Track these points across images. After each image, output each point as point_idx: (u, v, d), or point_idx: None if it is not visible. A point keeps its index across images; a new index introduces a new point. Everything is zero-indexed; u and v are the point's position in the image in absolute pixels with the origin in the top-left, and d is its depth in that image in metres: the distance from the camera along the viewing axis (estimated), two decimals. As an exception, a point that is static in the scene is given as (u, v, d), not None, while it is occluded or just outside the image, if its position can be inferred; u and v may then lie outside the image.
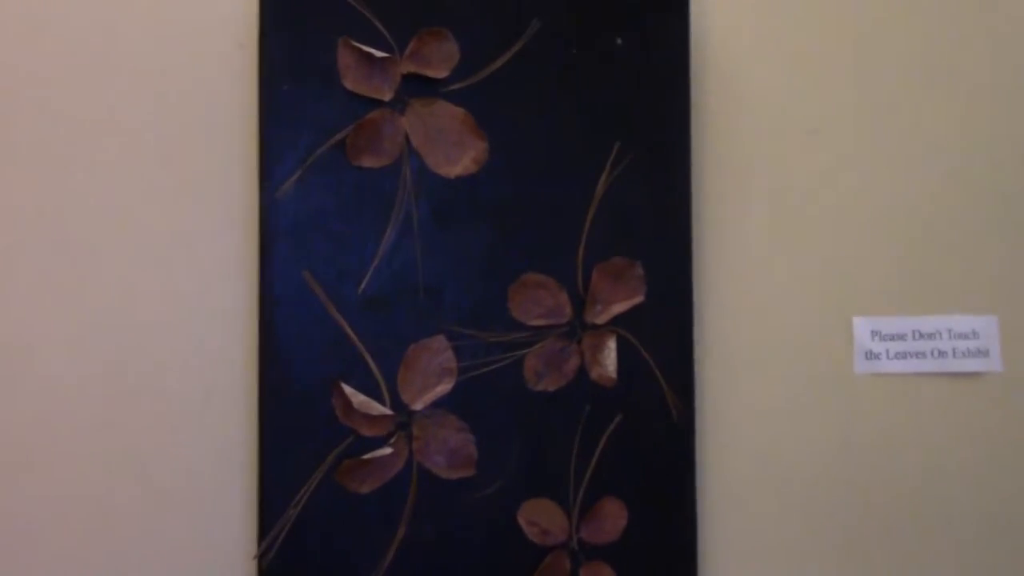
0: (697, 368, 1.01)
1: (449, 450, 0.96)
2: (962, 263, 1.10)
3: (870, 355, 1.08)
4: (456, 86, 0.97)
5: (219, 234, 0.99)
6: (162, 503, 0.98)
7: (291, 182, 0.93)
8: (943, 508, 1.09)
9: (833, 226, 1.09)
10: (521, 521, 0.97)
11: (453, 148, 0.97)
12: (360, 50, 0.94)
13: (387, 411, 0.94)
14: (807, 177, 1.09)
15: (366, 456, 0.93)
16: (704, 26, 1.06)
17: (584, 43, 1.00)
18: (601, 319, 0.99)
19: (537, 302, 0.98)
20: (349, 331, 0.94)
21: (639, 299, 1.00)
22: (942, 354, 1.09)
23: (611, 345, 0.99)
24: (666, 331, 1.01)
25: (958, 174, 1.11)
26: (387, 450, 0.94)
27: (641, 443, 0.99)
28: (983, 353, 1.09)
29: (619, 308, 0.99)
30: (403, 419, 0.95)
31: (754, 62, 1.09)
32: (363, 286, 0.94)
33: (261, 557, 0.92)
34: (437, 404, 0.96)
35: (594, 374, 0.99)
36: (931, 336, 1.09)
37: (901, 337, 1.08)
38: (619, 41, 1.00)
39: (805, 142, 1.09)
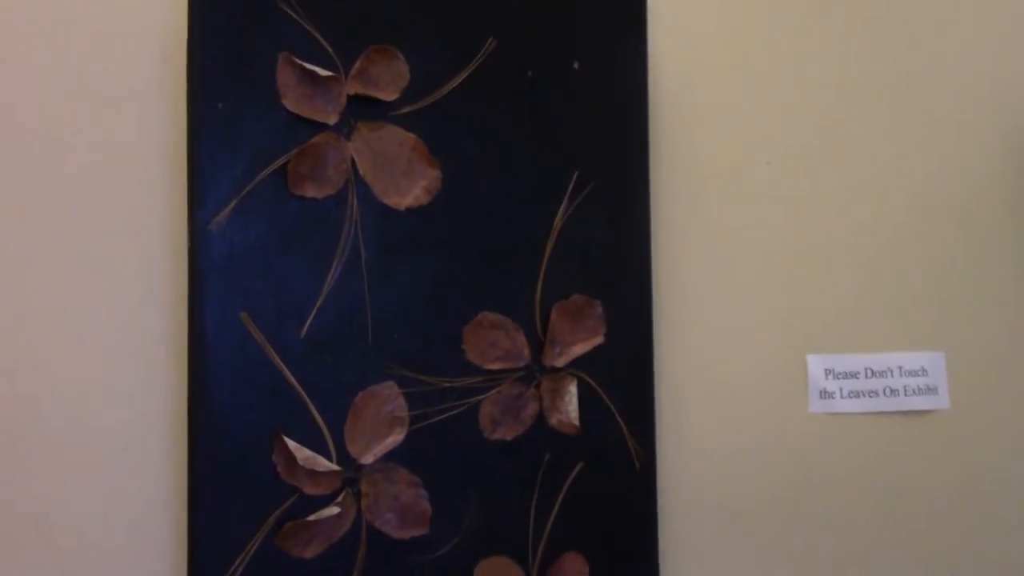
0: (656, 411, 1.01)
1: (400, 507, 0.91)
2: (910, 300, 1.14)
3: (824, 394, 1.09)
4: (406, 109, 0.93)
5: (141, 268, 0.92)
6: (67, 573, 0.89)
7: (225, 212, 0.87)
8: (897, 546, 1.11)
9: (786, 261, 1.10)
10: (478, 582, 0.93)
11: (403, 177, 0.93)
12: (303, 68, 0.89)
13: (334, 467, 0.89)
14: (760, 211, 1.10)
15: (311, 517, 0.87)
16: (660, 56, 1.06)
17: (540, 66, 0.97)
18: (560, 362, 0.96)
19: (493, 344, 0.95)
20: (291, 378, 0.88)
21: (599, 340, 0.98)
22: (894, 392, 1.11)
23: (572, 390, 0.96)
24: (626, 373, 0.99)
25: (906, 214, 1.15)
26: (334, 510, 0.88)
27: (603, 493, 0.97)
28: (932, 390, 1.13)
29: (579, 350, 0.97)
30: (351, 474, 0.90)
31: (709, 94, 1.09)
32: (306, 328, 0.89)
33: (191, 635, 0.85)
34: (388, 457, 0.91)
35: (553, 420, 0.96)
36: (883, 374, 1.11)
37: (854, 375, 1.10)
38: (576, 65, 0.99)
39: (759, 175, 1.10)
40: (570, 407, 0.96)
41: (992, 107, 1.19)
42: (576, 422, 0.96)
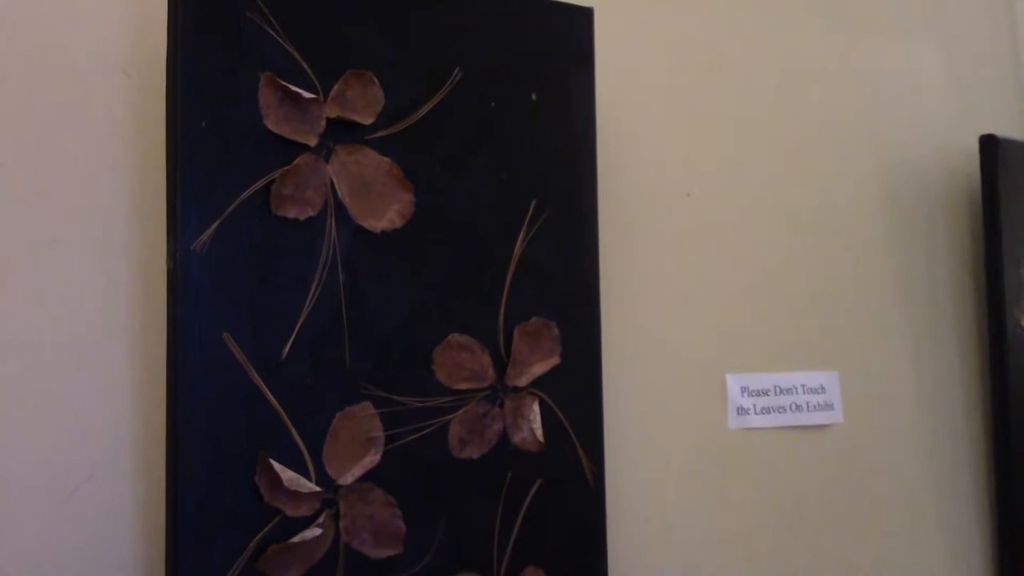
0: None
1: (376, 527, 0.96)
2: (809, 323, 1.30)
3: (741, 411, 1.23)
4: (381, 133, 0.99)
5: (114, 288, 0.93)
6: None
7: (208, 233, 0.89)
8: (802, 549, 1.27)
9: (707, 287, 1.24)
10: (448, 598, 0.99)
11: (378, 200, 0.98)
12: (285, 88, 0.93)
13: (316, 488, 0.92)
14: (683, 242, 1.24)
15: (295, 539, 0.91)
16: (602, 93, 1.17)
17: (502, 97, 1.06)
18: (522, 381, 1.05)
19: (461, 365, 1.02)
20: (272, 399, 0.91)
21: (556, 361, 1.07)
22: (798, 408, 1.27)
23: (535, 409, 1.05)
24: (578, 392, 1.08)
25: (802, 245, 1.33)
26: (316, 531, 0.92)
27: (559, 508, 1.06)
28: (828, 406, 1.29)
29: (538, 370, 1.06)
30: (330, 495, 0.94)
31: (639, 127, 1.21)
32: (287, 349, 0.93)
33: (174, 665, 0.86)
34: (364, 477, 0.96)
35: (516, 439, 1.04)
36: (789, 391, 1.27)
37: (765, 392, 1.25)
38: (534, 97, 1.08)
39: (682, 206, 1.23)
40: (534, 425, 1.04)
41: (872, 151, 1.41)
42: (541, 439, 1.04)
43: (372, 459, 0.96)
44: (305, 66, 0.95)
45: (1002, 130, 1.43)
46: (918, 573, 1.38)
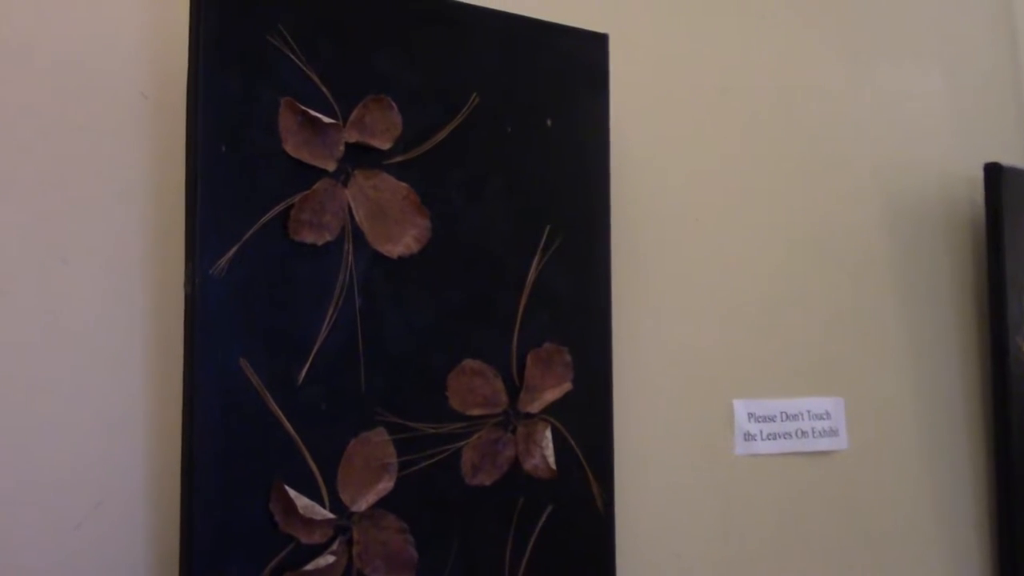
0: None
1: (389, 554, 0.96)
2: (815, 349, 1.32)
3: (747, 436, 1.24)
4: (398, 159, 0.99)
5: (126, 313, 0.93)
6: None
7: (227, 257, 0.90)
8: (808, 572, 1.29)
9: (714, 313, 1.25)
10: (459, 627, 1.00)
11: (395, 225, 0.99)
12: (305, 113, 0.94)
13: (330, 515, 0.93)
14: (691, 266, 1.25)
15: (308, 567, 0.91)
16: (616, 120, 1.18)
17: (518, 122, 1.07)
18: (535, 407, 1.05)
19: (474, 390, 1.02)
20: (287, 425, 0.92)
21: (568, 386, 1.07)
22: (804, 434, 1.28)
23: (548, 435, 1.05)
24: (589, 419, 1.09)
25: (808, 273, 1.35)
26: (330, 559, 0.92)
27: (569, 535, 1.07)
28: (833, 432, 1.31)
29: (551, 396, 1.06)
30: (343, 522, 0.94)
31: (649, 152, 1.22)
32: (303, 375, 0.93)
33: None
34: (377, 504, 0.96)
35: (528, 466, 1.04)
36: (795, 417, 1.28)
37: (771, 418, 1.26)
38: (549, 123, 1.09)
39: (690, 231, 1.24)
40: (547, 452, 1.05)
41: (876, 178, 1.42)
42: (553, 466, 1.05)
43: (386, 485, 0.97)
44: (324, 91, 0.95)
45: (1005, 158, 1.45)
46: (921, 600, 1.40)
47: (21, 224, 0.90)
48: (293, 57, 0.94)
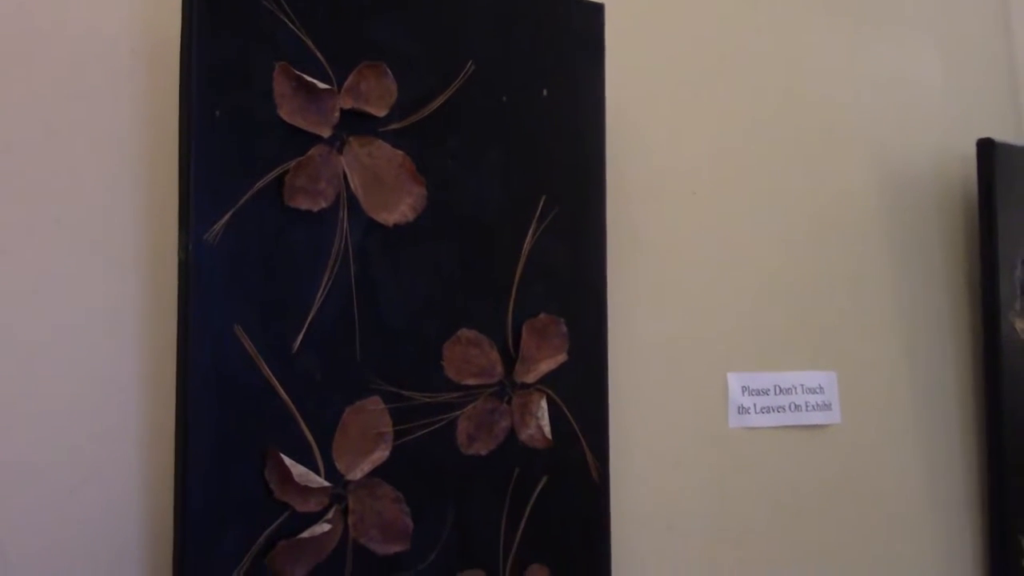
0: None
1: (384, 523, 0.96)
2: (809, 323, 1.32)
3: (741, 409, 1.24)
4: (393, 126, 0.98)
5: (117, 278, 0.92)
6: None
7: (221, 223, 0.89)
8: (800, 547, 1.29)
9: (710, 286, 1.25)
10: (454, 596, 1.00)
11: (391, 193, 0.98)
12: (300, 79, 0.93)
13: (325, 483, 0.92)
14: (687, 240, 1.25)
15: (304, 534, 0.91)
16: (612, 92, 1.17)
17: (514, 91, 1.06)
18: (530, 378, 1.05)
19: (470, 361, 1.02)
20: (282, 393, 0.91)
21: (563, 357, 1.07)
22: (797, 407, 1.28)
23: (543, 405, 1.05)
24: (584, 390, 1.09)
25: (802, 247, 1.35)
26: (325, 527, 0.92)
27: (565, 505, 1.07)
28: (827, 406, 1.31)
29: (546, 367, 1.06)
30: (339, 491, 0.94)
31: (646, 125, 1.22)
32: (298, 342, 0.92)
33: (182, 662, 0.86)
34: (373, 473, 0.95)
35: (523, 436, 1.04)
36: (788, 391, 1.28)
37: (765, 392, 1.26)
38: (545, 93, 1.08)
39: (686, 204, 1.24)
40: (542, 422, 1.05)
41: (870, 154, 1.43)
42: (549, 436, 1.05)
43: (381, 454, 0.96)
44: (319, 56, 0.94)
45: (998, 134, 1.45)
46: (913, 569, 1.40)
47: (13, 185, 0.89)
48: (288, 22, 0.93)
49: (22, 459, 0.88)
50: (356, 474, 0.95)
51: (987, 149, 1.45)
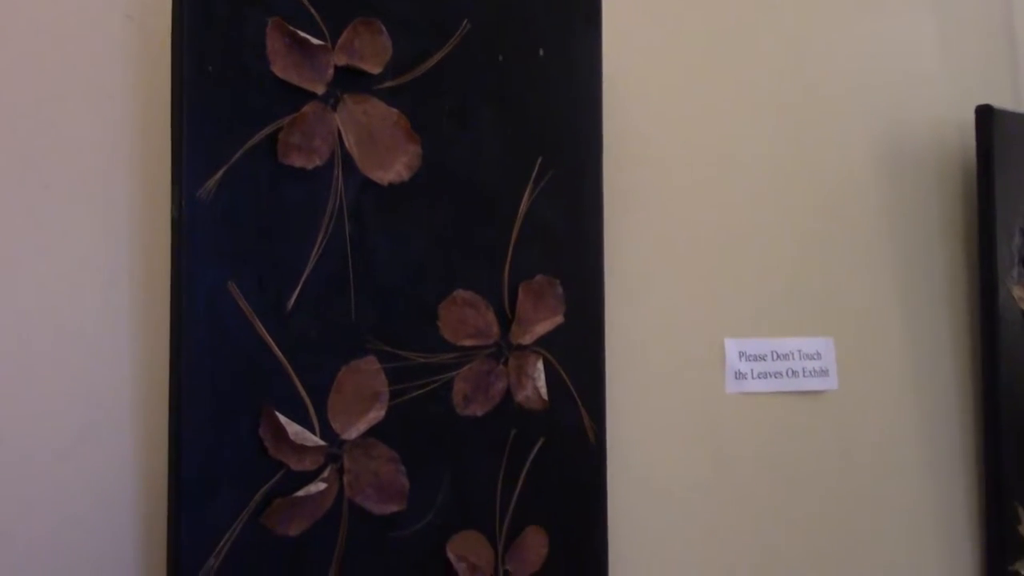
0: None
1: (380, 483, 0.96)
2: (807, 289, 1.32)
3: (738, 375, 1.24)
4: (388, 84, 0.97)
5: (110, 235, 0.91)
6: (34, 570, 0.87)
7: (215, 180, 0.88)
8: (796, 510, 1.29)
9: (706, 250, 1.24)
10: (451, 556, 0.99)
11: (386, 152, 0.97)
12: (293, 34, 0.92)
13: (321, 442, 0.92)
14: (685, 205, 1.24)
15: (300, 492, 0.90)
16: (607, 54, 1.16)
17: (510, 51, 1.05)
18: (526, 340, 1.04)
19: (465, 321, 1.01)
20: (277, 351, 0.90)
21: (559, 319, 1.07)
22: (794, 373, 1.28)
23: (540, 367, 1.05)
24: (581, 352, 1.09)
25: (801, 213, 1.35)
26: (321, 485, 0.91)
27: (561, 467, 1.06)
28: (824, 372, 1.31)
29: (543, 328, 1.06)
30: (334, 450, 0.93)
31: (643, 92, 1.22)
32: (292, 300, 0.92)
33: (177, 619, 0.86)
34: (368, 432, 0.95)
35: (520, 397, 1.04)
36: (785, 356, 1.28)
37: (762, 358, 1.26)
38: (542, 53, 1.07)
39: (685, 173, 1.24)
40: (539, 383, 1.04)
41: (868, 121, 1.43)
42: (546, 397, 1.04)
43: (377, 414, 0.96)
44: (313, 12, 0.94)
45: (996, 101, 1.44)
46: (909, 536, 1.41)
47: (3, 149, 0.88)
48: (281, -23, 0.92)
49: (14, 420, 0.87)
50: (351, 434, 0.94)
51: (986, 116, 1.44)
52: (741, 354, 1.25)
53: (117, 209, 0.92)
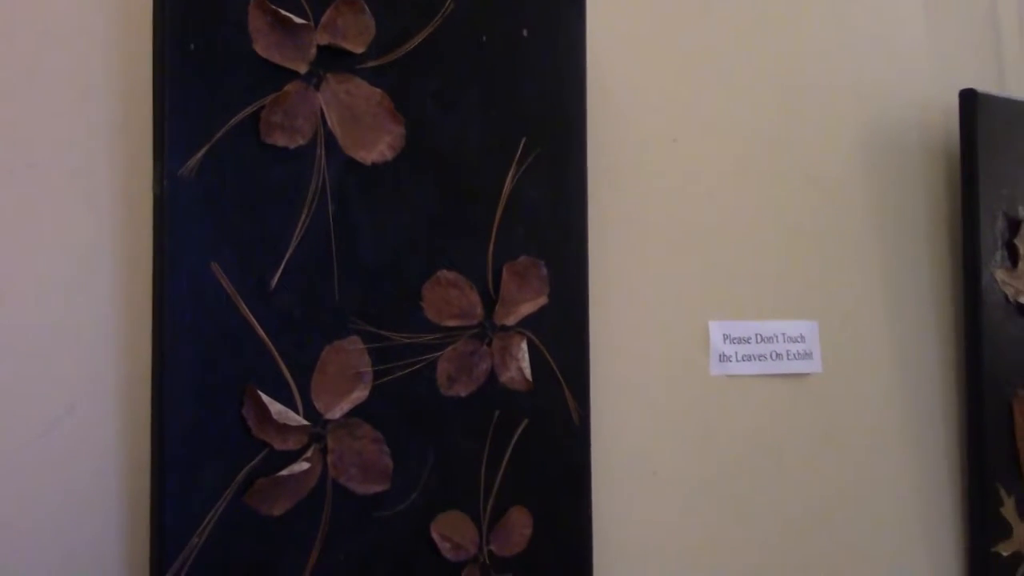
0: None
1: (363, 463, 0.96)
2: (791, 273, 1.32)
3: (723, 357, 1.24)
4: (371, 63, 0.97)
5: (91, 215, 0.91)
6: (15, 548, 0.87)
7: (196, 158, 0.88)
8: (780, 492, 1.30)
9: (691, 235, 1.25)
10: (435, 536, 0.99)
11: (369, 131, 0.97)
12: (275, 13, 0.91)
13: (304, 421, 0.92)
14: (668, 187, 1.24)
15: (283, 472, 0.90)
16: (591, 34, 1.16)
17: (493, 31, 1.05)
18: (510, 320, 1.05)
19: (449, 302, 1.01)
20: (260, 331, 0.90)
21: (544, 300, 1.07)
22: (778, 356, 1.29)
23: (524, 348, 1.05)
24: (565, 334, 1.09)
25: (785, 197, 1.35)
26: (304, 465, 0.92)
27: (545, 448, 1.06)
28: (807, 355, 1.31)
29: (527, 309, 1.06)
30: (318, 430, 0.93)
31: (627, 72, 1.22)
32: (275, 280, 0.91)
33: (160, 598, 0.86)
34: (352, 412, 0.95)
35: (504, 378, 1.04)
36: (770, 339, 1.28)
37: (747, 340, 1.26)
38: (525, 33, 1.07)
39: (668, 152, 1.24)
40: (523, 364, 1.05)
41: (852, 105, 1.43)
42: (530, 378, 1.05)
43: (360, 394, 0.96)
44: (296, -10, 0.94)
45: (980, 85, 1.45)
46: (892, 517, 1.41)
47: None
48: (263, -45, 0.92)
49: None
50: (335, 413, 0.94)
51: (969, 100, 1.45)
52: (725, 336, 1.25)
53: (100, 188, 0.92)
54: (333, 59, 0.96)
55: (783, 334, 1.30)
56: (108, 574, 0.91)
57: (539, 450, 1.06)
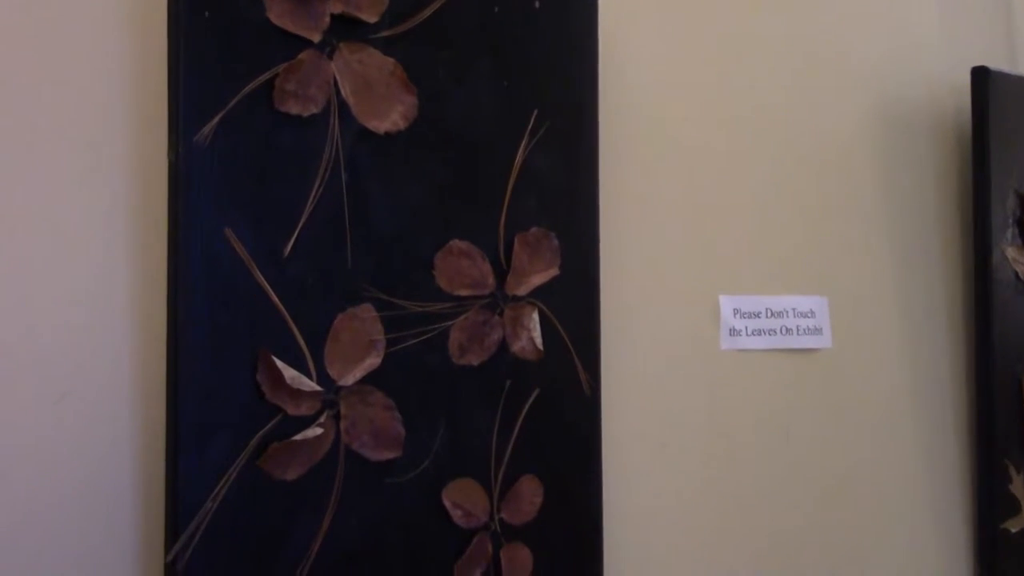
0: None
1: (376, 429, 0.96)
2: (801, 248, 1.32)
3: (733, 332, 1.25)
4: (384, 33, 0.98)
5: (105, 181, 0.91)
6: (31, 512, 0.88)
7: (211, 125, 0.88)
8: (789, 466, 1.31)
9: (702, 206, 1.25)
10: (446, 503, 1.00)
11: (382, 101, 0.98)
12: (289, -19, 0.92)
13: (317, 387, 0.93)
14: (681, 163, 1.25)
15: (297, 437, 0.91)
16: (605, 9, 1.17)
17: (506, 2, 1.05)
18: (522, 291, 1.05)
19: (461, 271, 1.02)
20: (274, 297, 0.91)
21: (555, 271, 1.07)
22: (788, 331, 1.29)
23: (535, 318, 1.05)
24: (576, 305, 1.09)
25: (797, 173, 1.35)
26: (317, 430, 0.92)
27: (556, 418, 1.07)
28: (818, 331, 1.32)
29: (538, 280, 1.06)
30: (331, 396, 0.94)
31: (639, 49, 1.22)
32: (289, 247, 0.92)
33: (175, 561, 0.86)
34: (364, 380, 0.96)
35: (515, 348, 1.05)
36: (780, 314, 1.28)
37: (757, 315, 1.27)
38: (537, 4, 1.07)
39: (679, 127, 1.24)
40: (534, 334, 1.05)
41: (864, 82, 1.43)
42: (541, 348, 1.05)
43: (373, 362, 0.97)
44: (309, -41, 0.94)
45: (992, 62, 1.45)
46: (901, 492, 1.42)
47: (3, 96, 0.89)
48: (277, -77, 0.93)
49: (12, 365, 0.88)
50: (348, 380, 0.95)
51: (981, 78, 1.45)
52: (736, 311, 1.26)
53: (114, 156, 0.92)
54: (346, 28, 0.96)
55: (793, 309, 1.30)
56: (123, 538, 0.92)
57: (550, 420, 1.07)
